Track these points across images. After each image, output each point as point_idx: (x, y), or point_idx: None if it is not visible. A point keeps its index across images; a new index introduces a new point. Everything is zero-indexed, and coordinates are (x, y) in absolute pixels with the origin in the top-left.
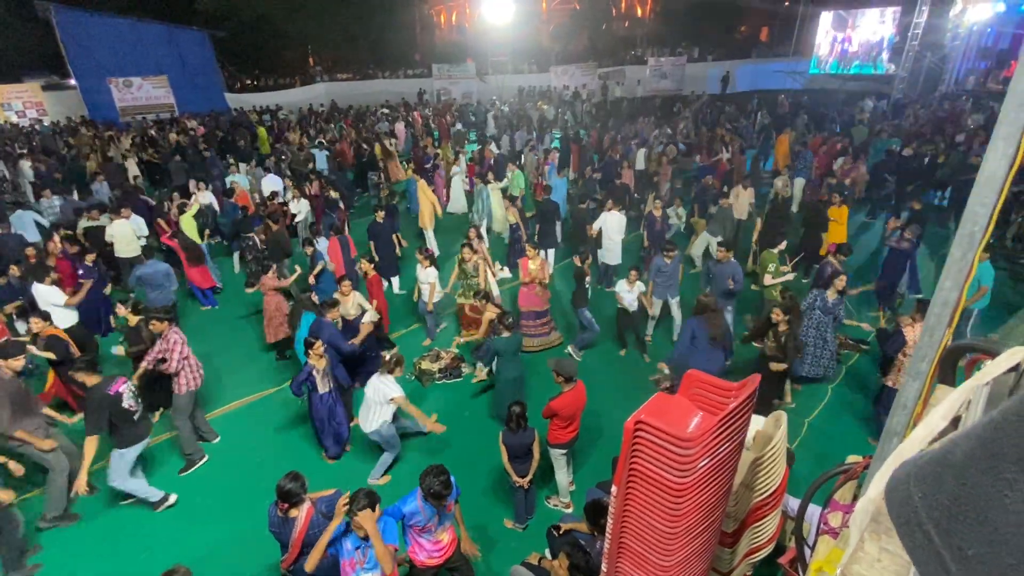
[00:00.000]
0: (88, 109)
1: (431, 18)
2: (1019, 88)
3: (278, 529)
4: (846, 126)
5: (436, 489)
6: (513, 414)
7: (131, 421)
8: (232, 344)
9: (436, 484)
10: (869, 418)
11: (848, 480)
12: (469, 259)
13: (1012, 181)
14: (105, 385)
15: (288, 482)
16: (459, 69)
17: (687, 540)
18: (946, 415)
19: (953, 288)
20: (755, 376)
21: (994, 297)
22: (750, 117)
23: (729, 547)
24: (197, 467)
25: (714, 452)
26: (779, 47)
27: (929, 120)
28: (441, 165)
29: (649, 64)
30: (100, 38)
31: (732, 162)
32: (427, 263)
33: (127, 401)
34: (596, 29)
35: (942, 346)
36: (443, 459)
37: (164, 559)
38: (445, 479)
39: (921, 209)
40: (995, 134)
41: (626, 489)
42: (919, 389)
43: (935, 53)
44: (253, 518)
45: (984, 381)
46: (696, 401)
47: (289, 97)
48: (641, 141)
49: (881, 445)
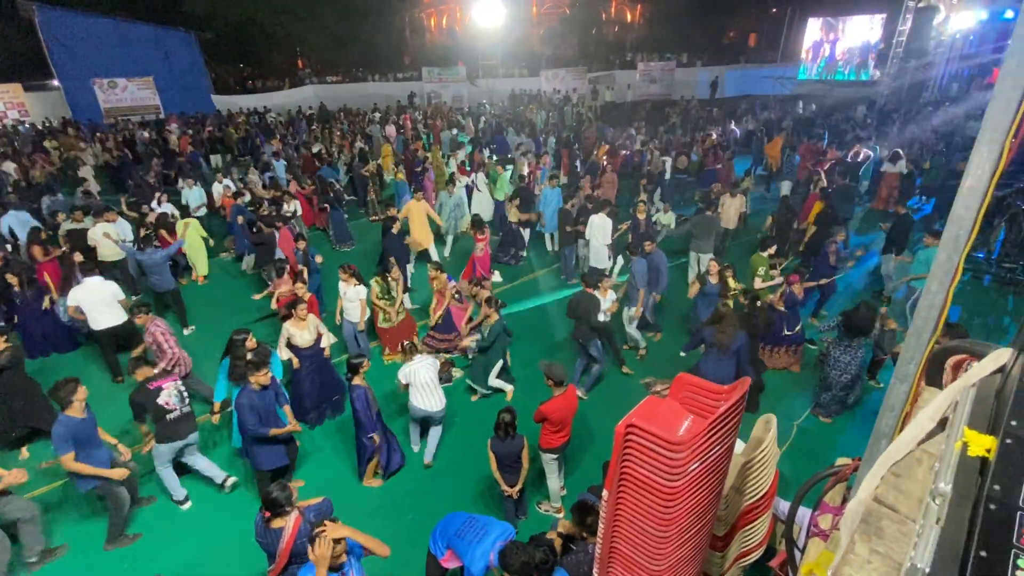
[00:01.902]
0: (71, 110)
1: (421, 21)
2: (1002, 94)
3: (264, 539)
4: (832, 131)
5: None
6: (502, 422)
7: (164, 419)
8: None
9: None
10: (859, 420)
11: (838, 482)
12: (396, 277)
13: (995, 186)
14: (150, 380)
15: (275, 490)
16: (449, 72)
17: (678, 544)
18: (934, 417)
19: (939, 291)
20: (745, 379)
21: (977, 302)
22: (741, 122)
23: (720, 551)
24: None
25: (705, 455)
26: (767, 53)
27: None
28: (431, 168)
29: (639, 69)
30: (84, 38)
31: (722, 169)
32: (352, 280)
33: (164, 398)
34: (586, 33)
35: (929, 348)
36: (434, 465)
37: (146, 569)
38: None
39: (906, 214)
40: (979, 139)
41: (617, 493)
42: (907, 391)
43: (919, 60)
44: (239, 527)
45: (971, 383)
46: (687, 405)
47: (277, 99)
48: (662, 150)
49: (870, 447)
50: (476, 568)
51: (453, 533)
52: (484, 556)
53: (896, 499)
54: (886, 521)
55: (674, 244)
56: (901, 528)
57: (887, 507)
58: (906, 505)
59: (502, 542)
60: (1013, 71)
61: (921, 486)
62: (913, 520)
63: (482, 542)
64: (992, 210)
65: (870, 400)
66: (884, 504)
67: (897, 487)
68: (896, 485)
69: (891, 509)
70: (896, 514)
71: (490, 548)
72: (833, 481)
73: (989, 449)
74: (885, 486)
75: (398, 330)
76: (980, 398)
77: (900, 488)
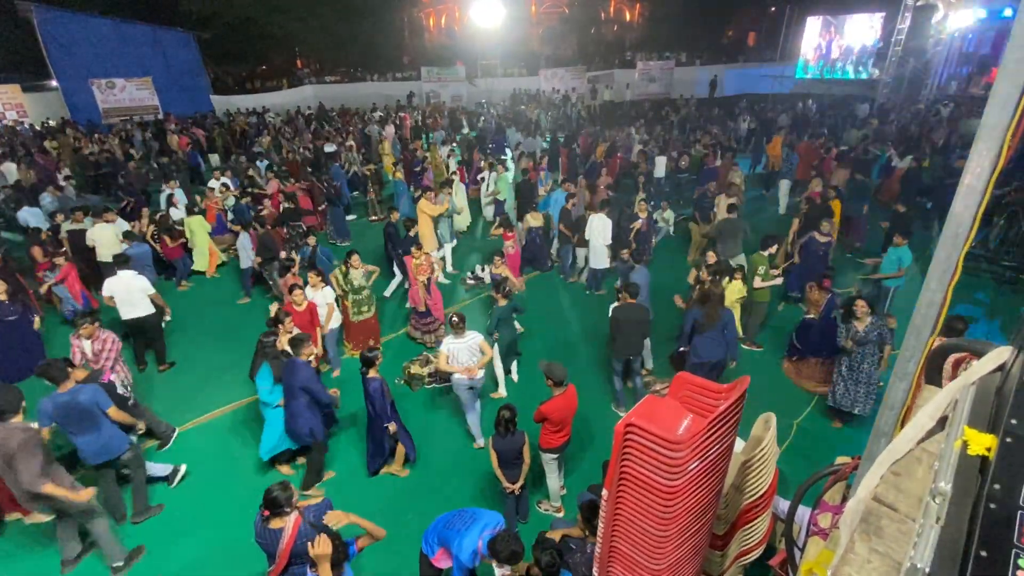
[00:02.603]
0: (69, 111)
1: (420, 21)
2: (1001, 92)
3: (263, 539)
4: (832, 130)
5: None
6: (502, 418)
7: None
8: (224, 346)
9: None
10: (859, 419)
11: (837, 481)
12: (357, 267)
13: (994, 184)
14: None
15: (276, 490)
16: (448, 72)
17: (678, 542)
18: (933, 415)
19: (938, 289)
20: (744, 378)
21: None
22: (738, 120)
23: (720, 549)
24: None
25: (704, 454)
26: (766, 52)
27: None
28: (430, 168)
29: (638, 68)
30: (82, 39)
31: (722, 168)
32: (321, 283)
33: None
34: (585, 33)
35: (928, 346)
36: (433, 464)
37: (146, 568)
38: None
39: (906, 212)
40: (977, 137)
41: (617, 492)
42: (906, 389)
43: (918, 59)
44: (239, 528)
45: (970, 381)
46: (686, 404)
47: (276, 99)
48: (661, 149)
49: (869, 445)
50: (464, 556)
51: (443, 526)
52: (472, 543)
53: (896, 498)
54: (886, 520)
55: (671, 245)
56: (901, 527)
57: (887, 506)
58: (906, 504)
59: (491, 530)
60: (1012, 69)
61: (921, 485)
62: (913, 519)
63: (470, 530)
64: (991, 208)
65: None
66: (884, 503)
67: (897, 486)
68: (896, 484)
69: (891, 508)
70: (896, 513)
71: (478, 536)
72: (833, 480)
73: (989, 448)
74: (885, 485)
75: (361, 328)
76: (980, 396)
77: (900, 487)
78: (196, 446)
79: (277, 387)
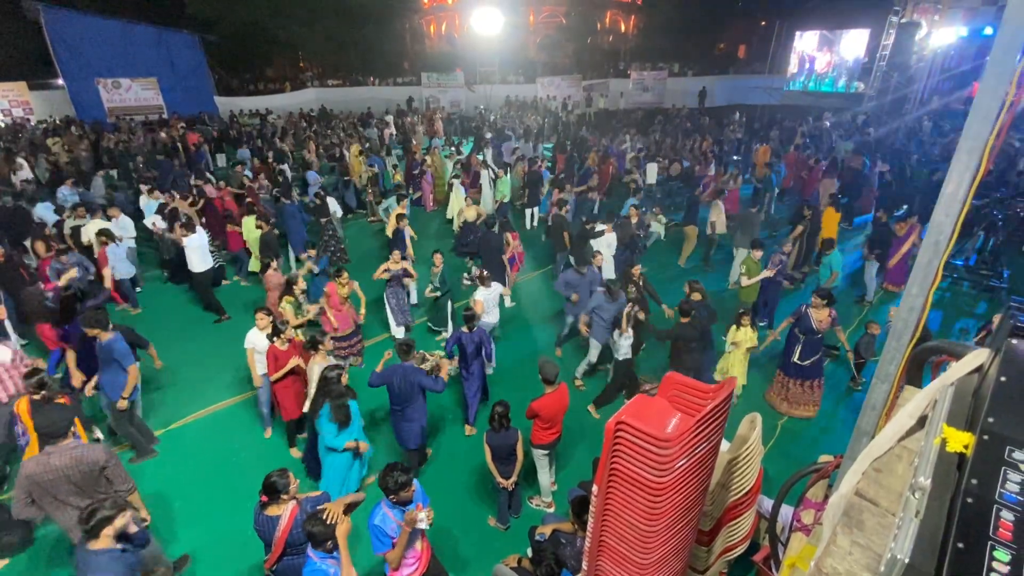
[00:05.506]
0: (75, 109)
1: (421, 27)
2: (982, 106)
3: (260, 527)
4: (816, 141)
5: (393, 485)
6: (496, 414)
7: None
8: (222, 341)
9: (391, 482)
10: (841, 419)
11: (820, 479)
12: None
13: (975, 195)
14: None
15: (275, 475)
16: (448, 78)
17: (665, 538)
18: (914, 414)
19: (919, 294)
20: (731, 379)
21: (959, 309)
22: (725, 131)
23: (706, 545)
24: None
25: (692, 452)
26: (756, 64)
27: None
28: (429, 171)
29: (632, 77)
30: (89, 39)
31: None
32: (269, 327)
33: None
34: (582, 42)
35: (908, 349)
36: (429, 458)
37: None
38: (401, 476)
39: (887, 222)
40: (959, 148)
41: (606, 488)
42: (887, 391)
43: (902, 74)
44: (238, 518)
45: (949, 382)
46: (675, 403)
47: (279, 102)
48: (652, 155)
49: (851, 444)
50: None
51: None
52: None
53: (877, 493)
54: (867, 514)
55: (663, 249)
56: (882, 521)
57: (868, 501)
58: (887, 499)
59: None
60: (992, 85)
61: (901, 481)
62: (893, 513)
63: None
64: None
65: (852, 399)
66: (865, 498)
67: (878, 482)
68: (877, 480)
69: (872, 503)
70: (877, 507)
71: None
72: (816, 478)
73: (967, 445)
74: (866, 481)
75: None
76: (959, 396)
77: (881, 483)
78: (203, 436)
79: (344, 432)
